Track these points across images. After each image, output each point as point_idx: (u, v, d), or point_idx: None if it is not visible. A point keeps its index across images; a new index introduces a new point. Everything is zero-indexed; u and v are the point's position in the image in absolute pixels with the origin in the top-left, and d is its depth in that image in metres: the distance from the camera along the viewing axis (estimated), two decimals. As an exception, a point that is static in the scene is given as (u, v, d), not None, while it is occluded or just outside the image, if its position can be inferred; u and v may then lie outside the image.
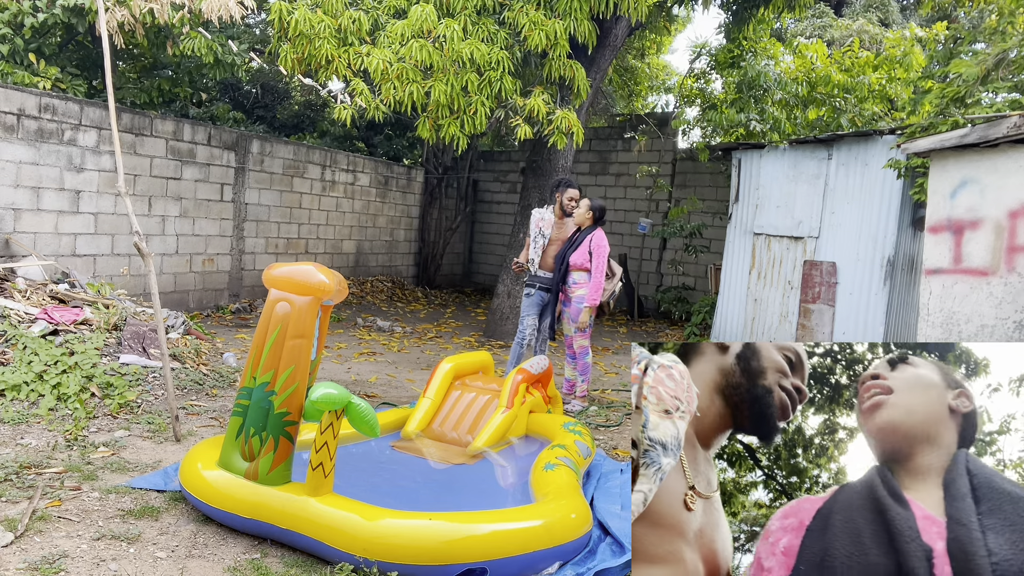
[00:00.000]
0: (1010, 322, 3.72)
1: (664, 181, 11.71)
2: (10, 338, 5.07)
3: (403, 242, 12.93)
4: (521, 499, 3.59)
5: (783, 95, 9.21)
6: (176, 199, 8.59)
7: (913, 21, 15.20)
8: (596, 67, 8.33)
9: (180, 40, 7.66)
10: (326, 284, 3.20)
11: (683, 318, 10.86)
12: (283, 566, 2.92)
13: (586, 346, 5.76)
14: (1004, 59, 5.24)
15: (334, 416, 3.00)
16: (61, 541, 2.94)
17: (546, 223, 5.93)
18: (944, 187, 4.06)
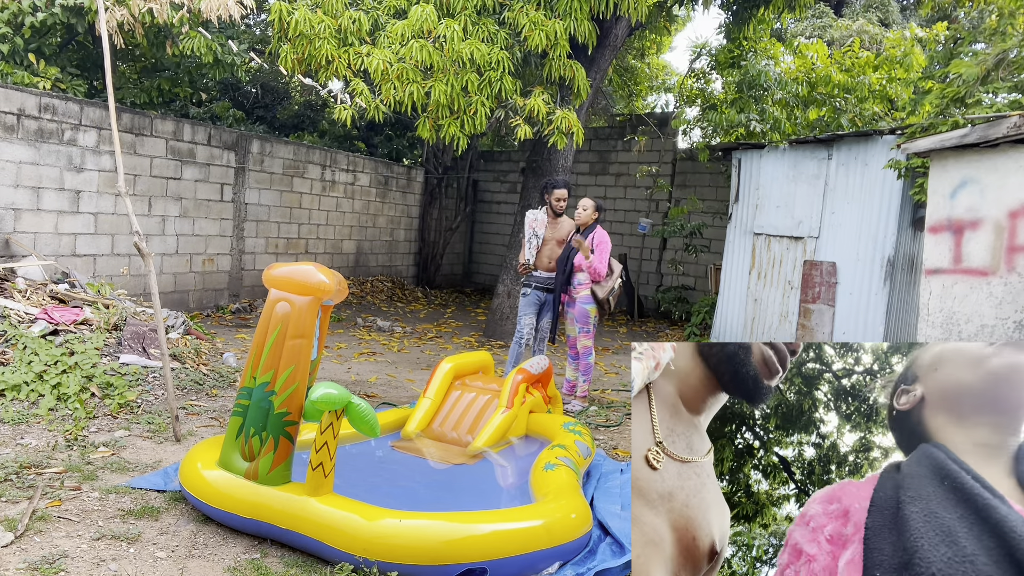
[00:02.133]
0: (1010, 322, 3.72)
1: (664, 181, 11.70)
2: (10, 338, 5.07)
3: (403, 242, 12.93)
4: (521, 499, 3.59)
5: (783, 95, 9.21)
6: (176, 199, 8.59)
7: (913, 21, 15.21)
8: (596, 67, 8.33)
9: (179, 40, 7.66)
10: (326, 284, 3.20)
11: (683, 318, 10.86)
12: (283, 566, 2.92)
13: (589, 346, 5.76)
14: (1004, 59, 5.24)
15: (334, 416, 3.00)
16: (61, 541, 2.94)
17: (539, 223, 5.95)
18: (944, 187, 4.06)
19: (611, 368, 7.66)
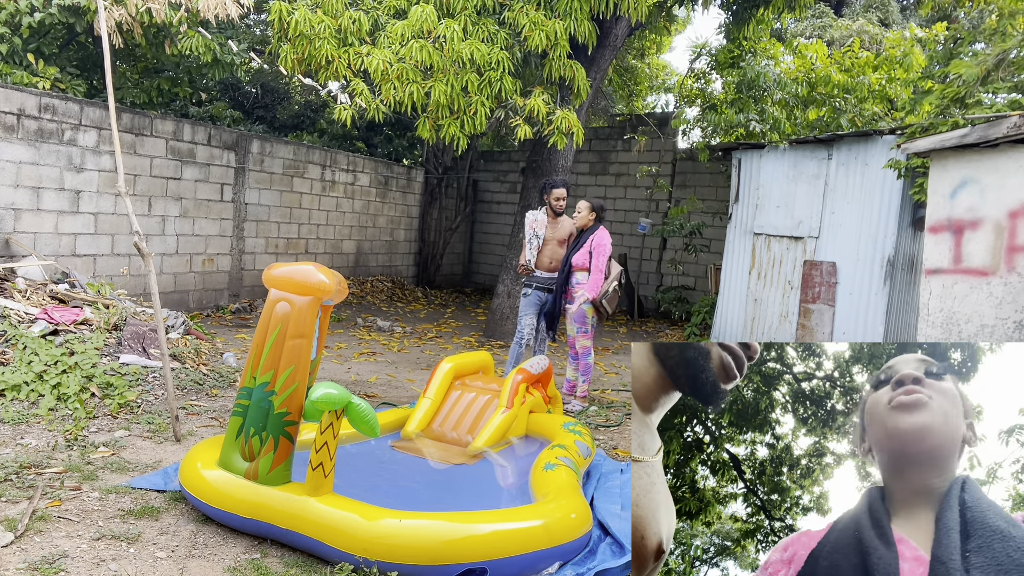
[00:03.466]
0: (1010, 322, 3.72)
1: (664, 181, 11.70)
2: (10, 338, 5.07)
3: (403, 242, 12.94)
4: (521, 499, 3.59)
5: (783, 95, 9.21)
6: (176, 199, 8.59)
7: (913, 21, 15.21)
8: (596, 67, 8.33)
9: (178, 40, 7.66)
10: (326, 284, 3.20)
11: (683, 318, 10.86)
12: (283, 566, 2.92)
13: (588, 347, 5.76)
14: (1004, 59, 5.25)
15: (334, 416, 3.00)
16: (61, 541, 2.94)
17: (539, 224, 5.95)
18: (944, 187, 4.06)
19: (611, 368, 7.67)
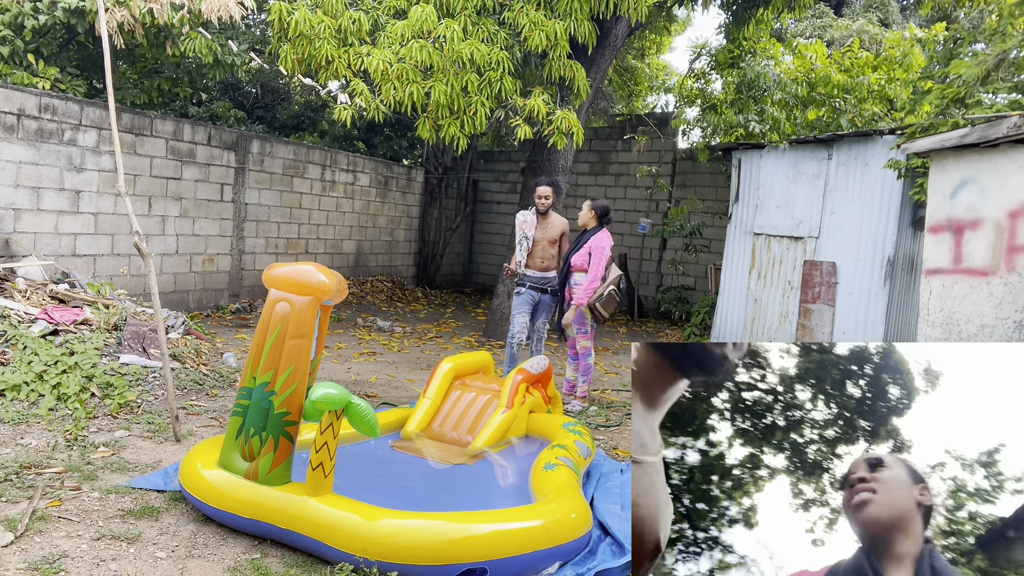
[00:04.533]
0: (1010, 322, 3.72)
1: (664, 181, 11.71)
2: (10, 338, 5.07)
3: (403, 242, 12.94)
4: (521, 499, 3.59)
5: (783, 95, 9.21)
6: (176, 199, 8.59)
7: (913, 21, 15.21)
8: (596, 67, 8.33)
9: (180, 40, 7.66)
10: (326, 284, 3.20)
11: (683, 318, 10.86)
12: (283, 566, 2.92)
13: (588, 347, 5.76)
14: (1004, 60, 5.24)
15: (334, 416, 3.00)
16: (61, 541, 2.94)
17: (528, 225, 5.95)
18: (944, 187, 4.06)
19: (611, 368, 7.67)
